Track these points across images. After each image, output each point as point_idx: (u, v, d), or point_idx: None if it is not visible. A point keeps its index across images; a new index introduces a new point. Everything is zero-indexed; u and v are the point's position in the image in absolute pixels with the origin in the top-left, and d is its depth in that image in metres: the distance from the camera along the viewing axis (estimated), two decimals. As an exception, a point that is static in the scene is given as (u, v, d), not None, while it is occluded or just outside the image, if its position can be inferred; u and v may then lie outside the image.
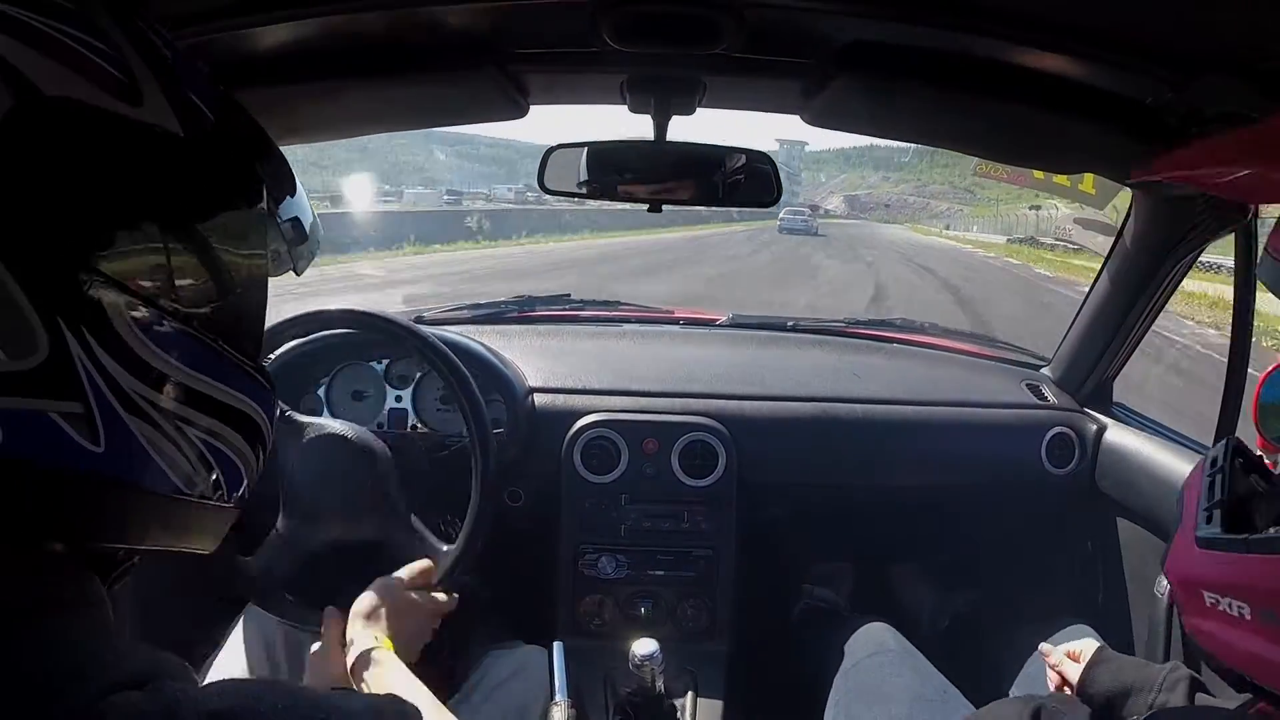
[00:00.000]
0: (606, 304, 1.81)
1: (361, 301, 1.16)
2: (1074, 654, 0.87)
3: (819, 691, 1.11)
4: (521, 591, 1.35)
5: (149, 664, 0.34)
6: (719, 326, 1.68)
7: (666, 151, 0.96)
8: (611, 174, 0.97)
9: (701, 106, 0.93)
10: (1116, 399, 1.42)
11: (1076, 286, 11.43)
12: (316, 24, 0.75)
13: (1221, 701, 0.59)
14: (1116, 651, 0.84)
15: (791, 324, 1.68)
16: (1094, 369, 1.37)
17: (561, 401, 1.30)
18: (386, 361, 1.28)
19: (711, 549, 1.28)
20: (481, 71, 0.85)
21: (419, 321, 1.30)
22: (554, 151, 0.99)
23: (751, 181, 0.98)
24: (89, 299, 0.32)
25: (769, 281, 13.36)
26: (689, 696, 1.15)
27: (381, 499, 1.02)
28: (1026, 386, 1.45)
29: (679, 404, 1.31)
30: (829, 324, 1.73)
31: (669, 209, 0.99)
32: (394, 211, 23.72)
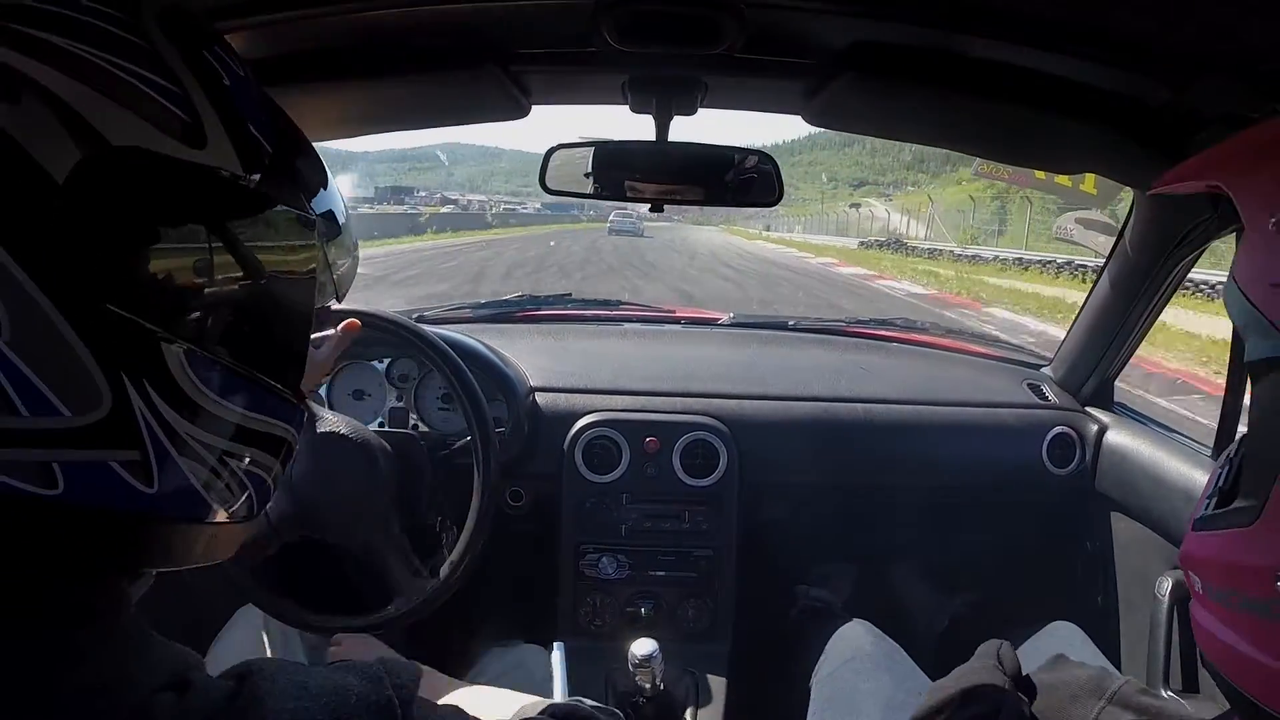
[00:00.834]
0: (607, 303, 1.82)
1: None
2: None
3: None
4: (522, 591, 1.35)
5: (177, 661, 0.35)
6: (720, 326, 1.68)
7: (668, 151, 0.96)
8: (613, 174, 0.97)
9: (702, 106, 0.93)
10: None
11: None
12: (316, 23, 0.75)
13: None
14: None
15: (793, 323, 1.68)
16: (1095, 368, 1.37)
17: (563, 401, 1.30)
18: (388, 361, 1.28)
19: (712, 549, 1.28)
20: (483, 71, 0.85)
21: (420, 320, 1.30)
22: (555, 151, 0.99)
23: (752, 181, 0.98)
24: (149, 349, 0.32)
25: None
26: (689, 697, 1.15)
27: (378, 506, 1.01)
28: (1027, 386, 1.45)
29: (680, 403, 1.32)
30: (830, 324, 1.73)
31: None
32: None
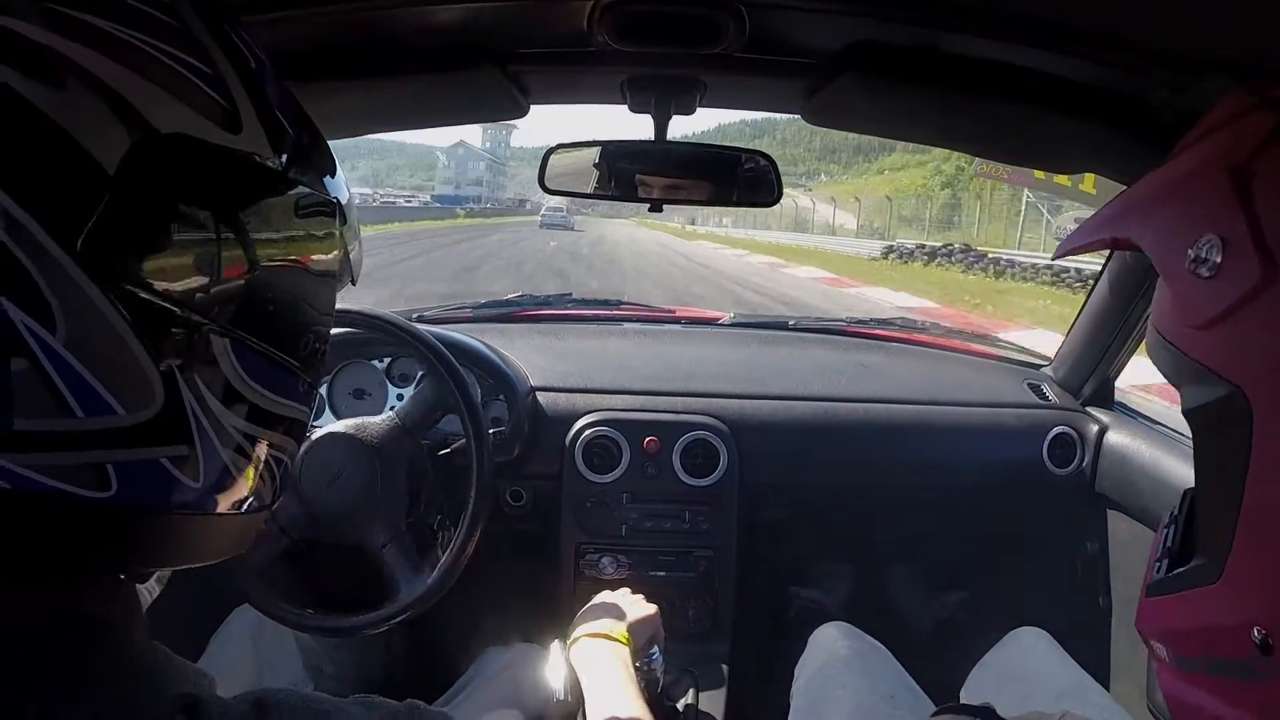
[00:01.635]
0: (607, 303, 1.82)
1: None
2: None
3: None
4: (522, 592, 1.35)
5: (186, 679, 0.34)
6: (720, 325, 1.68)
7: (667, 151, 0.96)
8: (612, 173, 0.97)
9: (701, 106, 0.93)
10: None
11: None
12: (313, 22, 0.75)
13: None
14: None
15: (793, 323, 1.68)
16: (1095, 368, 1.37)
17: (563, 400, 1.30)
18: (388, 360, 1.28)
19: (712, 549, 1.28)
20: (481, 71, 0.84)
21: (420, 320, 1.30)
22: (555, 151, 0.99)
23: (752, 181, 0.98)
24: (198, 342, 0.32)
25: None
26: (690, 697, 1.15)
27: (377, 506, 1.01)
28: (1028, 386, 1.45)
29: (680, 403, 1.31)
30: (830, 323, 1.73)
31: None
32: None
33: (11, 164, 0.27)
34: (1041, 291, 12.10)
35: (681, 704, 1.10)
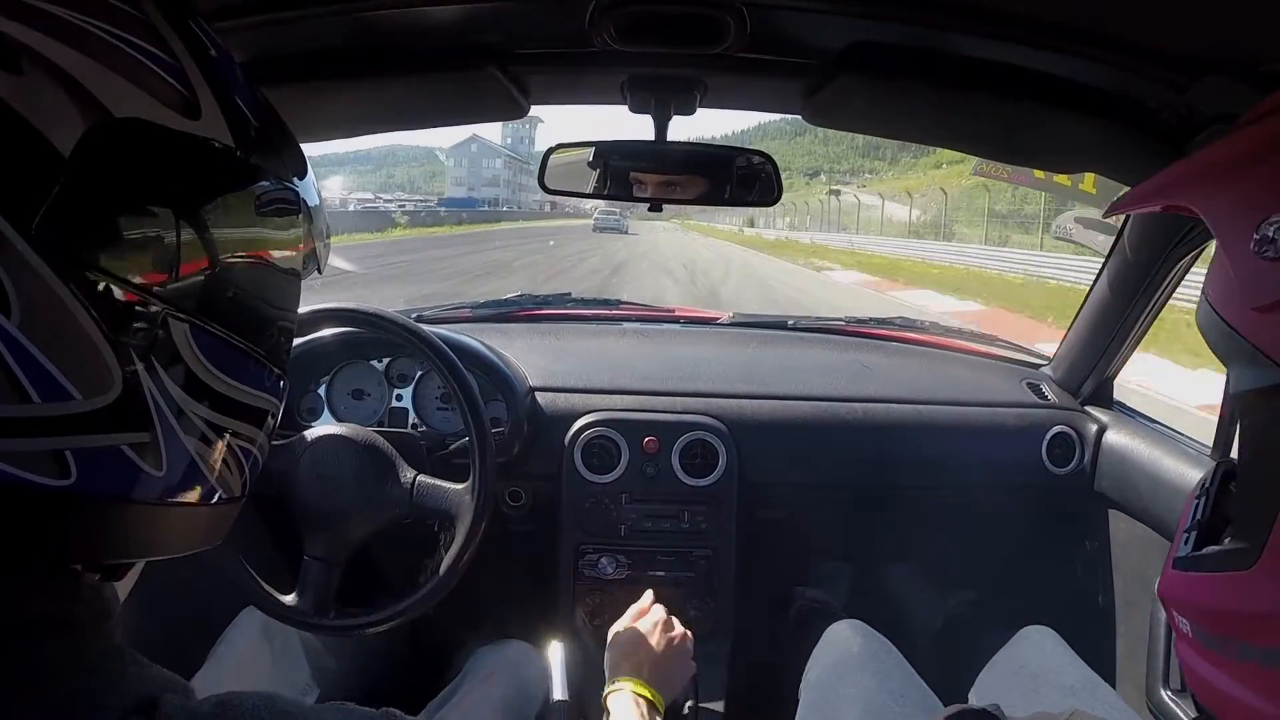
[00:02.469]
0: (607, 303, 1.81)
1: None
2: None
3: None
4: (521, 592, 1.35)
5: (152, 684, 0.34)
6: (720, 325, 1.68)
7: (668, 151, 0.96)
8: (613, 173, 0.97)
9: (702, 106, 0.93)
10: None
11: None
12: (316, 23, 0.75)
13: None
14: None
15: (792, 323, 1.68)
16: (1095, 368, 1.37)
17: (562, 400, 1.30)
18: (387, 360, 1.28)
19: (712, 549, 1.28)
20: (482, 71, 0.84)
21: (419, 320, 1.30)
22: (555, 151, 0.99)
23: (753, 180, 0.98)
24: (157, 327, 0.32)
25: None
26: (689, 697, 1.15)
27: (376, 507, 1.02)
28: (1027, 385, 1.45)
29: (679, 403, 1.31)
30: (830, 323, 1.73)
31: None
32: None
33: None
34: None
35: (681, 703, 1.10)
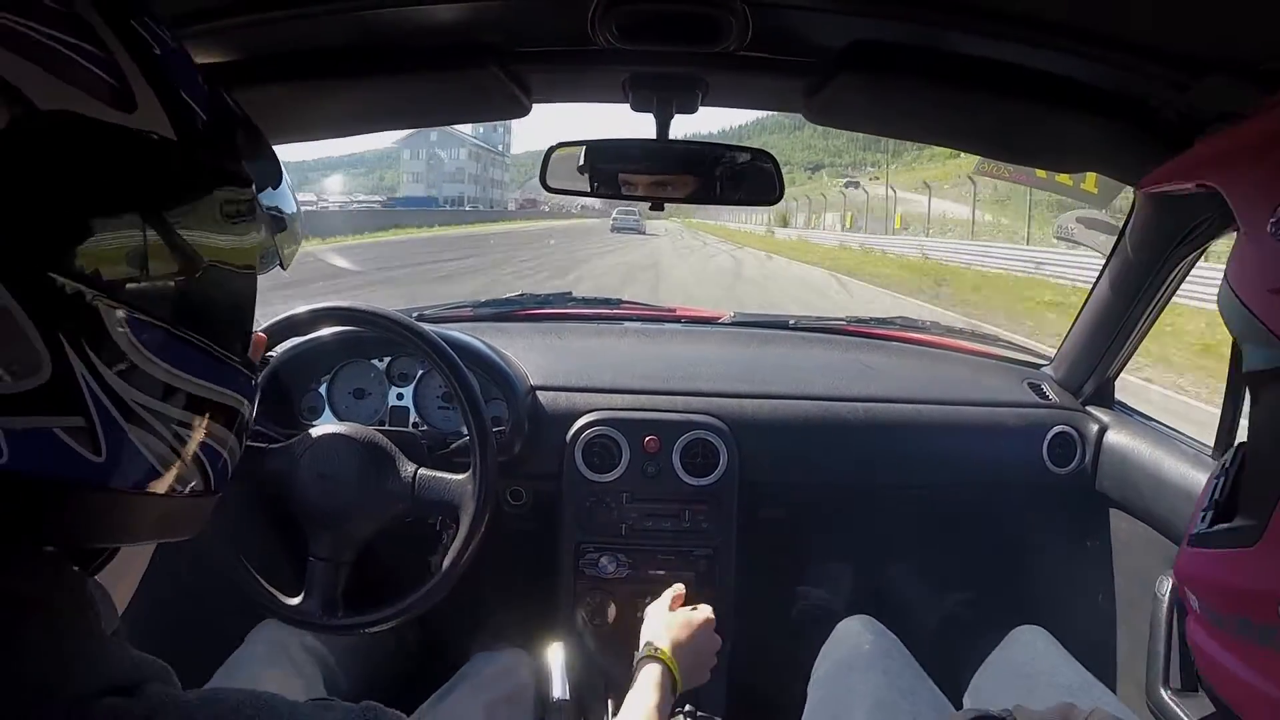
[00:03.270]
0: (608, 302, 1.81)
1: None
2: None
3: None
4: (522, 591, 1.35)
5: (135, 668, 0.34)
6: (721, 325, 1.68)
7: (669, 149, 0.96)
8: (614, 171, 0.97)
9: (703, 104, 0.93)
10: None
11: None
12: (318, 22, 0.75)
13: None
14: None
15: (793, 322, 1.68)
16: (1096, 368, 1.37)
17: (563, 400, 1.30)
18: (388, 359, 1.28)
19: (712, 548, 1.28)
20: (484, 70, 0.85)
21: (420, 319, 1.30)
22: (556, 150, 0.99)
23: (753, 179, 0.98)
24: (88, 313, 0.32)
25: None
26: (690, 696, 1.15)
27: (378, 506, 1.03)
28: (1028, 385, 1.45)
29: (680, 402, 1.31)
30: (830, 322, 1.73)
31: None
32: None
33: None
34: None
35: (681, 703, 1.10)
